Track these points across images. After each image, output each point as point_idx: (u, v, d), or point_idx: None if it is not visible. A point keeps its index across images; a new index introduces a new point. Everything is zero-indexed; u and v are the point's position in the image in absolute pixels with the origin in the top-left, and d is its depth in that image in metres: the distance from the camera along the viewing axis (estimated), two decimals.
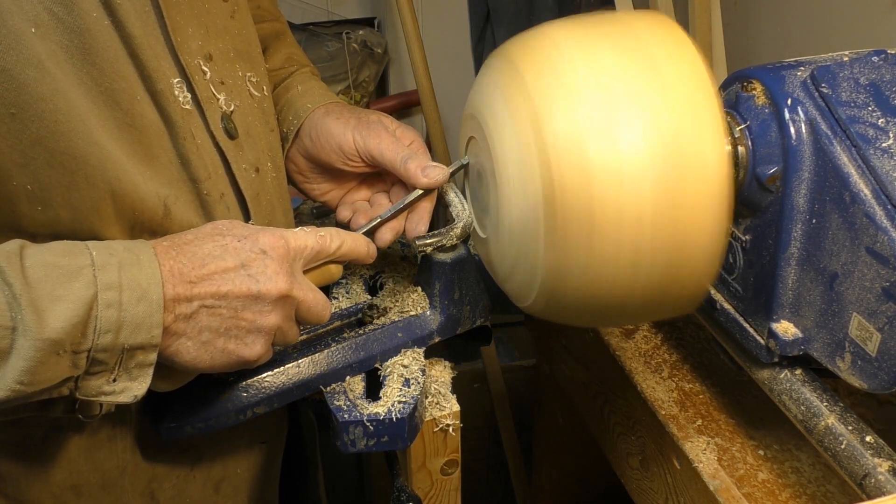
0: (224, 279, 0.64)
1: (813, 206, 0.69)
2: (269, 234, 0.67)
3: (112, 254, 0.60)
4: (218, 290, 0.64)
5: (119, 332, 0.59)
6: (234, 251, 0.65)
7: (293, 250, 0.68)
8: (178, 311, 0.62)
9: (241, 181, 0.76)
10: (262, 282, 0.65)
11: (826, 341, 0.70)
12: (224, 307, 0.64)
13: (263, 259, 0.66)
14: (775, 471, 0.83)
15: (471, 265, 0.83)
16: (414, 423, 0.76)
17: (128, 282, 0.59)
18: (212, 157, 0.73)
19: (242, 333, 0.66)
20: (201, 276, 0.63)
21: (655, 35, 0.65)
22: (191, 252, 0.64)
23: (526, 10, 2.06)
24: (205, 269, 0.63)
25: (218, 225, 0.67)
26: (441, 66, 2.01)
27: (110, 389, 0.61)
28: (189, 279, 0.63)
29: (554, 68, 0.65)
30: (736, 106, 0.73)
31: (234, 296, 0.64)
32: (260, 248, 0.66)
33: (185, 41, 0.70)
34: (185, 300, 0.62)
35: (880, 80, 0.69)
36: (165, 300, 0.61)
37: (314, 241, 0.70)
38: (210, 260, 0.64)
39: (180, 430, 0.75)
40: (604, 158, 0.61)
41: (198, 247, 0.64)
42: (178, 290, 0.62)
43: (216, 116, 0.73)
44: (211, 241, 0.65)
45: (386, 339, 0.81)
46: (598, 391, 1.05)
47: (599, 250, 0.63)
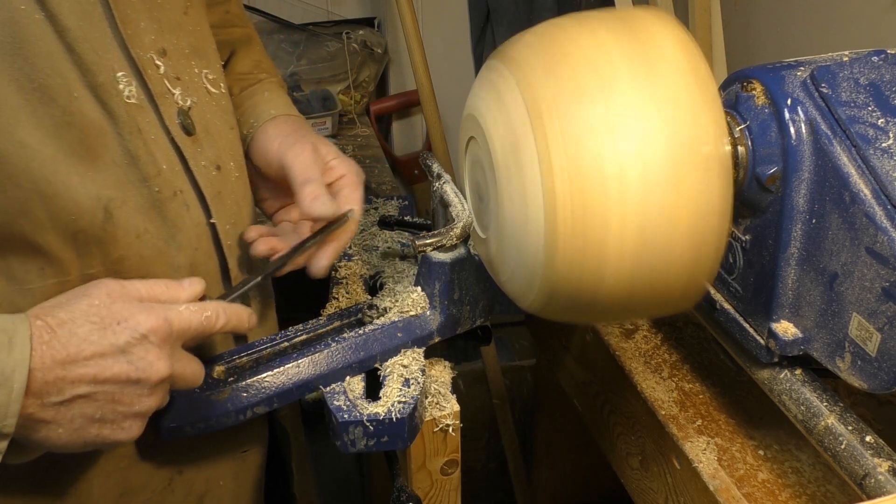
0: (102, 365, 0.61)
1: (813, 206, 0.69)
2: (153, 316, 0.63)
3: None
4: (96, 376, 0.61)
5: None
6: (113, 333, 0.61)
7: (176, 332, 0.65)
8: (47, 399, 0.59)
9: (200, 178, 0.75)
10: (143, 368, 0.62)
11: (826, 341, 0.70)
12: (100, 393, 0.61)
13: (144, 344, 0.63)
14: (775, 471, 0.83)
15: (471, 265, 0.83)
16: (414, 423, 0.76)
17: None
18: (166, 153, 0.72)
19: (119, 418, 0.63)
20: (77, 360, 0.60)
21: (654, 33, 0.65)
22: (67, 333, 0.60)
23: (526, 10, 2.06)
24: (81, 354, 0.60)
25: (94, 301, 0.63)
26: (441, 66, 2.01)
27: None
28: (64, 364, 0.59)
29: (554, 68, 0.65)
30: (736, 106, 0.73)
31: (113, 381, 0.61)
32: (141, 334, 0.62)
33: (136, 35, 0.69)
34: (56, 388, 0.59)
35: (880, 80, 0.69)
36: (34, 387, 0.58)
37: (198, 322, 0.67)
38: (87, 345, 0.60)
39: (180, 430, 0.75)
40: (604, 157, 0.61)
41: (76, 327, 0.61)
42: (49, 377, 0.59)
43: (172, 112, 0.72)
44: (88, 322, 0.61)
45: (386, 339, 0.81)
46: (598, 391, 1.05)
47: (600, 250, 0.63)
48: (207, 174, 0.76)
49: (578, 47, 0.65)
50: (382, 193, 1.79)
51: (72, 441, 0.62)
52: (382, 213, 1.10)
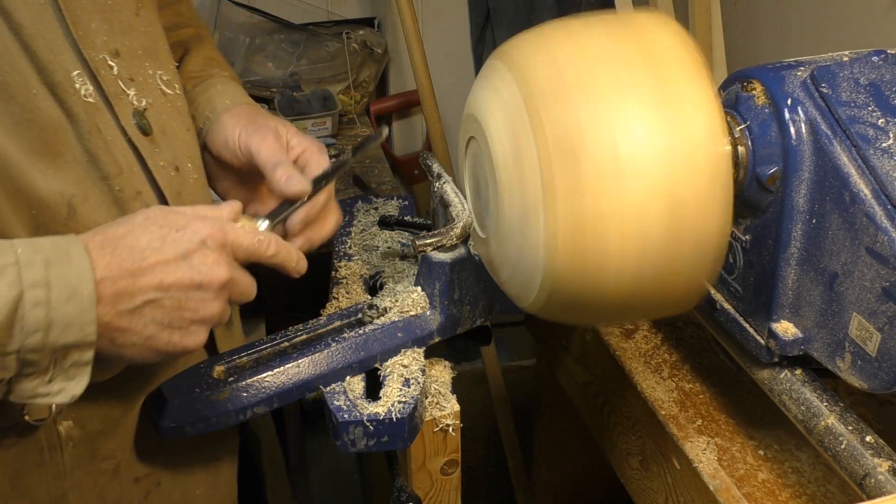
0: (167, 270, 0.63)
1: (813, 206, 0.69)
2: (208, 223, 0.66)
3: (38, 251, 0.58)
4: (161, 282, 0.63)
5: (49, 332, 0.57)
6: (174, 242, 0.64)
7: (230, 242, 0.67)
8: (120, 307, 0.61)
9: (160, 179, 0.75)
10: (205, 272, 0.64)
11: (826, 341, 0.70)
12: (167, 299, 0.63)
13: (203, 250, 0.65)
14: (775, 471, 0.83)
15: (471, 265, 0.83)
16: (414, 423, 0.76)
17: (56, 279, 0.58)
18: (124, 153, 0.72)
19: (186, 324, 0.65)
20: (142, 268, 0.62)
21: (655, 35, 0.65)
22: (129, 245, 0.62)
23: (526, 10, 2.06)
24: (146, 261, 0.62)
25: (150, 214, 0.65)
26: (441, 66, 2.01)
27: (46, 391, 0.60)
28: (130, 272, 0.61)
29: (554, 67, 0.65)
30: (736, 106, 0.73)
31: (178, 287, 0.63)
32: (200, 239, 0.65)
33: (87, 35, 0.69)
34: (127, 295, 0.61)
35: (880, 80, 0.69)
36: (107, 295, 0.60)
37: (250, 242, 0.68)
38: (150, 253, 0.62)
39: (180, 430, 0.75)
40: (603, 158, 0.61)
41: (134, 240, 0.63)
42: (120, 285, 0.61)
43: (127, 112, 0.72)
44: (147, 233, 0.63)
45: (386, 339, 0.81)
46: (598, 391, 1.05)
47: (600, 250, 0.63)
48: (166, 174, 0.76)
49: (578, 48, 0.65)
50: (382, 193, 1.79)
51: (145, 350, 0.64)
52: (382, 213, 1.10)
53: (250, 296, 0.70)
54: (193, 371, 0.78)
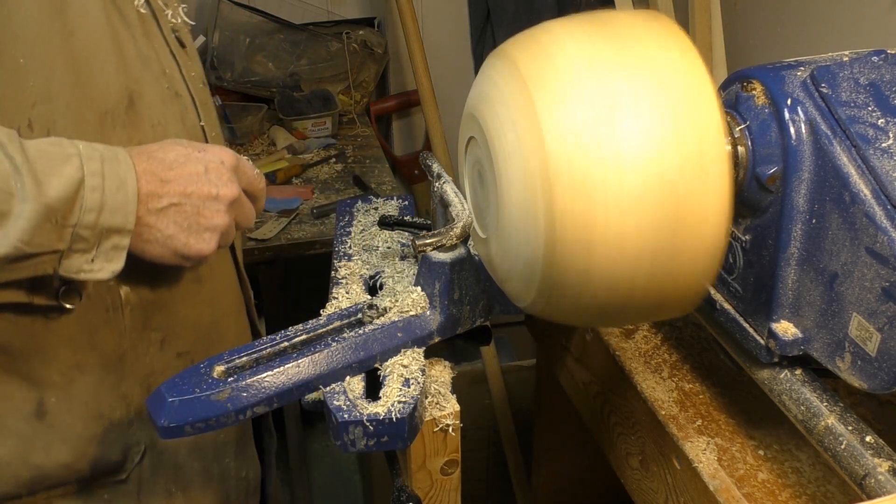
0: (189, 181, 0.73)
1: (813, 206, 0.69)
2: (222, 149, 0.78)
3: (95, 149, 0.69)
4: (184, 190, 0.73)
5: (101, 213, 0.68)
6: (197, 160, 0.75)
7: (240, 168, 0.79)
8: (150, 206, 0.72)
9: (192, 87, 0.88)
10: (220, 186, 0.75)
11: (826, 341, 0.70)
12: (188, 205, 0.74)
13: (220, 169, 0.76)
14: (775, 471, 0.83)
15: (471, 265, 0.83)
16: (414, 423, 0.76)
17: (109, 172, 0.69)
18: (168, 59, 0.85)
19: (200, 230, 0.75)
20: (170, 177, 0.73)
21: (655, 35, 0.65)
22: (159, 157, 0.73)
23: (526, 10, 2.06)
24: (173, 171, 0.73)
25: (178, 140, 0.77)
26: (441, 66, 2.01)
27: (89, 268, 0.70)
28: (160, 178, 0.72)
29: (554, 67, 0.65)
30: (736, 106, 0.73)
31: (197, 196, 0.74)
32: (219, 159, 0.76)
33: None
34: (156, 196, 0.72)
35: (880, 80, 0.69)
36: (140, 194, 0.71)
37: (252, 172, 0.81)
38: (177, 164, 0.73)
39: (179, 430, 0.75)
40: (604, 158, 0.61)
41: (165, 154, 0.74)
42: (151, 187, 0.72)
43: (167, 26, 0.86)
44: (174, 150, 0.75)
45: (386, 339, 0.81)
46: (598, 391, 1.05)
47: (599, 250, 0.63)
48: (196, 84, 0.90)
49: (578, 48, 0.65)
50: (382, 193, 1.79)
51: (165, 248, 0.74)
52: (382, 213, 1.10)
53: (251, 221, 0.82)
54: (193, 371, 0.77)
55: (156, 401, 0.75)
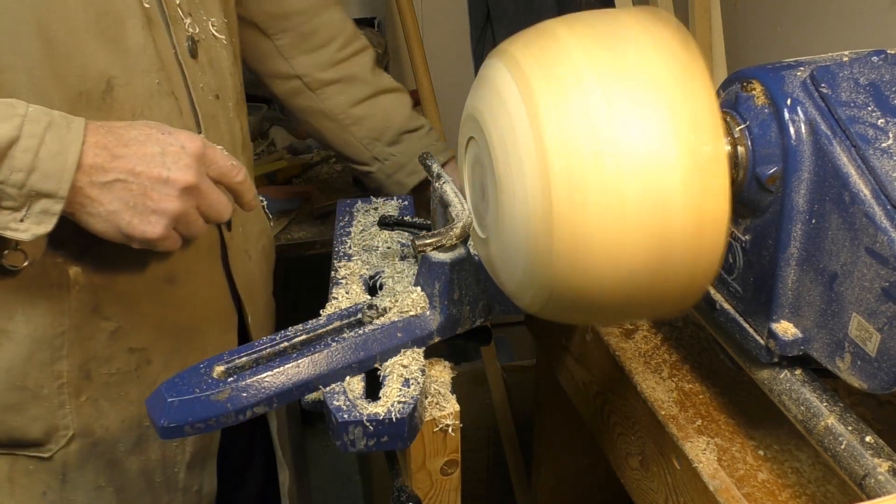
0: (141, 160, 0.74)
1: (813, 207, 0.69)
2: (191, 136, 0.77)
3: (47, 114, 0.71)
4: (133, 168, 0.74)
5: (29, 175, 0.69)
6: (157, 141, 0.75)
7: (208, 157, 0.78)
8: (94, 178, 0.73)
9: (196, 97, 0.88)
10: (174, 170, 0.75)
11: (826, 341, 0.70)
12: (135, 184, 0.74)
13: (180, 153, 0.76)
14: (775, 471, 0.83)
15: (471, 265, 0.83)
16: (414, 423, 0.76)
17: (51, 138, 0.70)
18: (171, 62, 0.85)
19: (147, 212, 0.75)
20: (122, 153, 0.74)
21: (655, 33, 0.65)
22: (119, 133, 0.74)
23: (526, 9, 2.06)
24: (127, 148, 0.74)
25: (149, 122, 0.78)
26: (441, 66, 2.01)
27: (15, 227, 0.71)
28: (112, 153, 0.73)
29: (553, 66, 0.65)
30: (736, 106, 0.73)
31: (146, 176, 0.74)
32: (180, 144, 0.76)
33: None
34: (102, 169, 0.73)
35: (880, 80, 0.69)
36: (85, 165, 0.72)
37: (225, 163, 0.80)
38: (134, 143, 0.74)
39: (179, 430, 0.75)
40: (602, 158, 0.61)
41: (126, 131, 0.75)
42: (99, 160, 0.73)
43: (182, 35, 0.86)
44: (139, 129, 0.75)
45: (386, 339, 0.81)
46: (598, 391, 1.05)
47: (599, 249, 0.63)
48: (204, 97, 0.89)
49: (578, 47, 0.65)
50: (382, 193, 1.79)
51: (108, 224, 0.75)
52: (382, 213, 1.10)
53: (220, 214, 0.81)
54: (193, 371, 0.78)
55: (155, 401, 0.75)
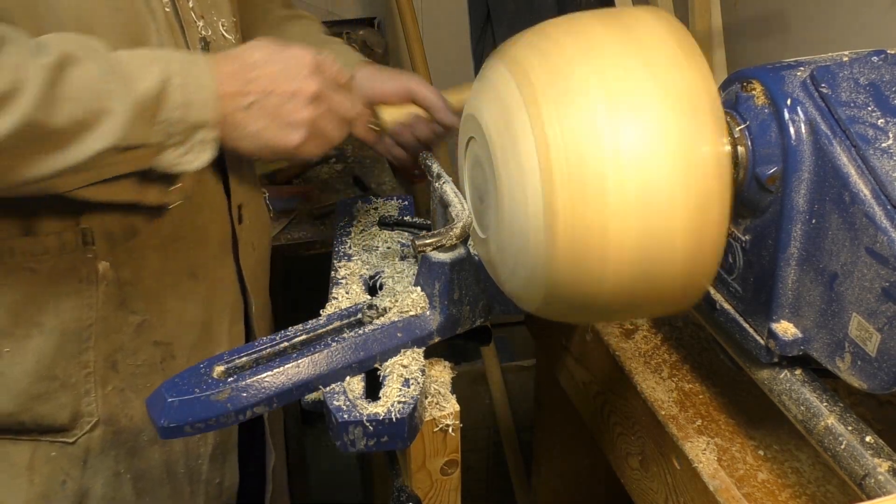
0: (270, 80, 0.79)
1: (813, 206, 0.69)
2: (306, 51, 0.82)
3: (174, 54, 0.77)
4: (265, 88, 0.79)
5: (187, 109, 0.75)
6: (277, 60, 0.80)
7: (321, 64, 0.82)
8: (236, 103, 0.78)
9: None
10: (298, 84, 0.80)
11: (826, 341, 0.70)
12: (270, 102, 0.79)
13: (299, 66, 0.81)
14: (775, 471, 0.83)
15: (470, 265, 0.83)
16: (414, 423, 0.76)
17: (192, 75, 0.76)
18: None
19: (284, 125, 0.80)
20: (252, 76, 0.79)
21: (655, 33, 0.65)
22: (243, 59, 0.80)
23: (526, 9, 2.06)
24: (255, 71, 0.79)
25: (260, 39, 0.83)
26: (441, 66, 2.01)
27: (181, 161, 0.77)
28: (245, 78, 0.79)
29: (554, 67, 0.65)
30: (736, 106, 0.73)
31: (277, 94, 0.79)
32: (297, 59, 0.81)
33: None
34: (240, 95, 0.78)
35: (880, 81, 0.69)
36: (225, 93, 0.77)
37: (334, 67, 0.84)
38: (259, 65, 0.79)
39: (179, 430, 0.75)
40: (603, 158, 0.61)
41: (249, 55, 0.80)
42: (236, 87, 0.78)
43: (195, 37, 0.87)
44: (258, 51, 0.80)
45: (386, 339, 0.81)
46: (598, 391, 1.05)
47: (599, 249, 0.63)
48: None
49: (578, 48, 0.65)
50: (382, 193, 1.79)
51: (256, 141, 0.80)
52: (382, 213, 1.10)
53: (348, 111, 0.85)
54: (193, 371, 0.77)
55: (156, 401, 0.75)
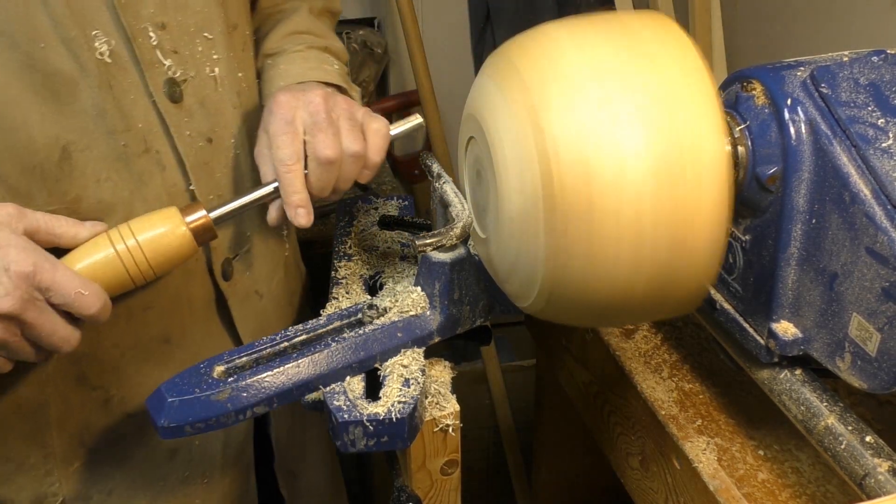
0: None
1: (813, 206, 0.69)
2: (24, 254, 0.65)
3: None
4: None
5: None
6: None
7: (38, 282, 0.66)
8: None
9: (181, 145, 0.79)
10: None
11: (826, 341, 0.70)
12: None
13: (1, 275, 0.64)
14: (775, 471, 0.83)
15: (471, 265, 0.83)
16: (414, 423, 0.76)
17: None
18: (145, 113, 0.76)
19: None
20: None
21: (655, 35, 0.65)
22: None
23: (526, 10, 2.06)
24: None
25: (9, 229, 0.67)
26: (441, 66, 2.01)
27: None
28: None
29: (554, 68, 0.65)
30: (736, 106, 0.73)
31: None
32: (4, 265, 0.65)
33: (131, 5, 0.73)
34: None
35: (880, 80, 0.69)
36: None
37: (69, 290, 0.67)
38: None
39: (179, 430, 0.75)
40: (603, 158, 0.61)
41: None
42: None
43: (158, 80, 0.76)
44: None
45: (386, 339, 0.81)
46: (598, 391, 1.05)
47: (599, 250, 0.63)
48: (192, 143, 0.80)
49: (578, 48, 0.65)
50: (382, 193, 1.79)
51: None
52: (382, 213, 1.10)
53: (56, 345, 0.69)
54: (193, 371, 0.78)
55: (156, 401, 0.75)
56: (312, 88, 0.83)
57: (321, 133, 0.79)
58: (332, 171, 0.80)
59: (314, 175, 0.80)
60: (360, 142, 0.81)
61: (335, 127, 0.80)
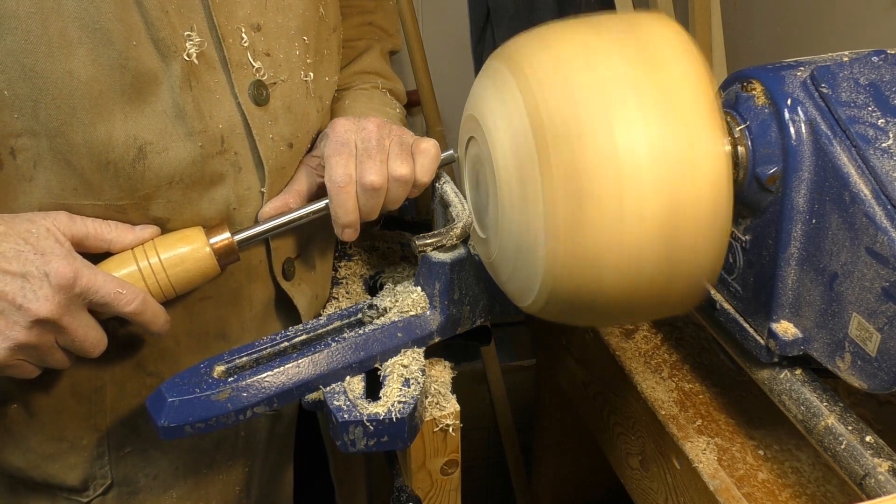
0: (2, 279, 0.67)
1: (813, 206, 0.69)
2: (66, 262, 0.68)
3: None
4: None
5: None
6: (25, 261, 0.67)
7: (79, 287, 0.69)
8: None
9: (262, 148, 0.79)
10: (30, 298, 0.67)
11: (826, 341, 0.70)
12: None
13: (43, 281, 0.67)
14: (775, 471, 0.83)
15: (471, 265, 0.83)
16: (414, 423, 0.76)
17: None
18: (229, 115, 0.76)
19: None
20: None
21: (655, 35, 0.65)
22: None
23: (526, 10, 2.06)
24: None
25: (33, 228, 0.69)
26: (441, 66, 2.01)
27: None
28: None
29: (554, 68, 0.65)
30: (736, 106, 0.73)
31: (2, 296, 0.67)
32: (45, 271, 0.67)
33: (225, 5, 0.73)
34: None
35: (880, 80, 0.69)
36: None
37: (107, 292, 0.71)
38: (1, 258, 0.67)
39: (179, 430, 0.75)
40: (603, 158, 0.61)
41: (1, 240, 0.68)
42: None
43: (244, 81, 0.76)
44: (14, 242, 0.68)
45: (386, 339, 0.81)
46: (598, 391, 1.05)
47: (600, 249, 0.63)
48: (274, 147, 0.80)
49: (578, 48, 0.65)
50: None
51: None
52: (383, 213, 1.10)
53: (86, 351, 0.72)
54: (193, 371, 0.78)
55: (156, 401, 0.75)
56: (369, 116, 0.86)
57: (370, 160, 0.81)
58: (377, 197, 0.82)
59: (361, 199, 0.82)
60: (408, 165, 0.83)
61: (384, 153, 0.82)
